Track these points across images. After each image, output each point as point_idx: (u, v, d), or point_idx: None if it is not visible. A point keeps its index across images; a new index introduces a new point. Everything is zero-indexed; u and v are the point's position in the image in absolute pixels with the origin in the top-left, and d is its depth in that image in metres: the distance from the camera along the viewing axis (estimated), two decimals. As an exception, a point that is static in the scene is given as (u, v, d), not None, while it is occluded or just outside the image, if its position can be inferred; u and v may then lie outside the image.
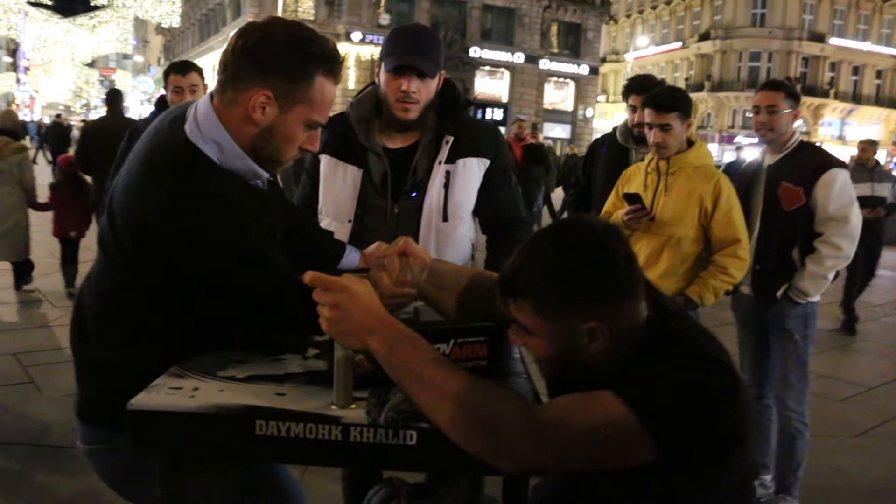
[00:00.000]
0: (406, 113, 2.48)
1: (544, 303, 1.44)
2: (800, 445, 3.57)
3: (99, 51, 46.17)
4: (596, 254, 1.43)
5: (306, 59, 1.64)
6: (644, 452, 1.31)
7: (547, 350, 1.48)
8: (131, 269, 1.68)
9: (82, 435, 1.84)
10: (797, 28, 46.64)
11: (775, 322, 3.58)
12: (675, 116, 3.34)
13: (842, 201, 3.41)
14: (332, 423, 1.40)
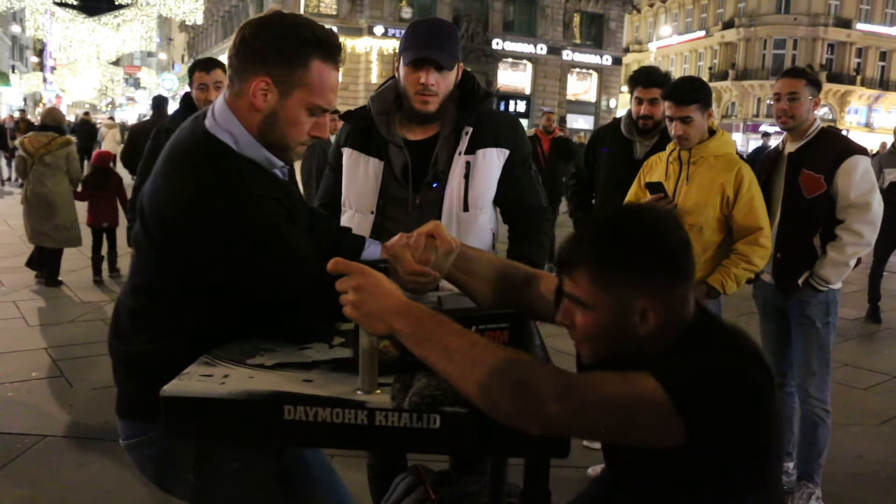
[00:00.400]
0: (425, 105, 2.52)
1: (604, 272, 1.46)
2: (821, 433, 3.57)
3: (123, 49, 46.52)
4: (658, 232, 1.49)
5: (300, 44, 1.71)
6: (672, 436, 1.34)
7: (596, 326, 1.49)
8: (161, 261, 1.75)
9: (122, 431, 1.91)
10: (823, 14, 46.06)
11: (796, 310, 3.59)
12: (696, 108, 3.35)
13: (863, 188, 3.41)
14: (358, 407, 1.44)
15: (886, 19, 48.27)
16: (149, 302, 1.82)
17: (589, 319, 1.50)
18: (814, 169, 3.46)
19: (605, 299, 1.47)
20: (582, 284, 1.48)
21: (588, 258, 1.48)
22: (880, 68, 48.78)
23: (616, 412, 1.36)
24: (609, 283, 1.46)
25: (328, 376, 1.58)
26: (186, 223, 1.67)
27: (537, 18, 40.92)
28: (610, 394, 1.36)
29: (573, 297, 1.51)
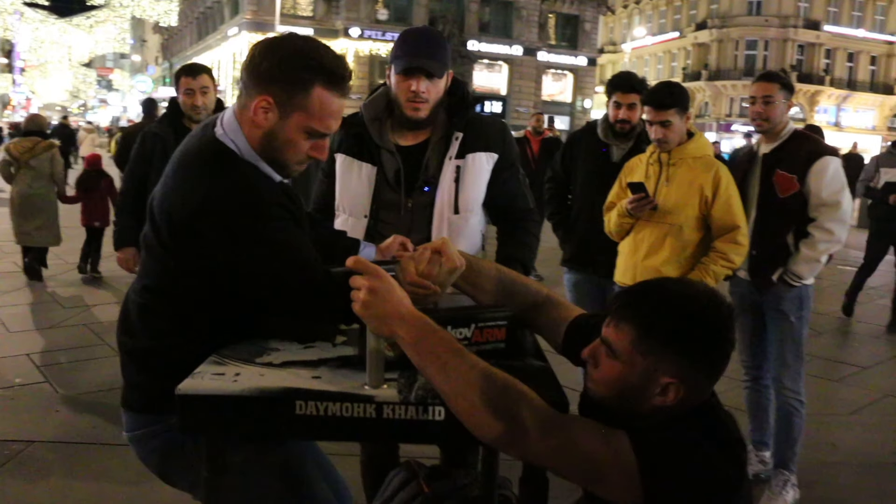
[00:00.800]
0: (416, 112, 2.59)
1: (651, 340, 1.49)
2: (796, 422, 3.69)
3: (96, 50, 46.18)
4: (717, 330, 1.52)
5: (303, 69, 1.76)
6: (629, 492, 1.40)
7: (617, 378, 1.53)
8: (170, 261, 1.83)
9: (127, 423, 1.97)
10: (793, 16, 46.66)
11: (771, 304, 3.71)
12: (674, 112, 3.46)
13: (834, 187, 3.53)
14: (367, 401, 1.52)
15: (853, 21, 49.00)
16: (157, 300, 1.89)
17: (615, 369, 1.53)
18: (787, 169, 3.58)
19: (639, 361, 1.50)
20: (623, 338, 1.51)
21: (642, 318, 1.51)
22: (848, 69, 49.49)
23: (587, 462, 1.43)
24: (649, 351, 1.49)
25: (335, 373, 1.65)
26: (196, 224, 1.74)
27: (513, 20, 41.10)
28: (586, 444, 1.43)
29: (609, 344, 1.54)
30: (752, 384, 3.98)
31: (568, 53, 43.40)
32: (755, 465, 4.01)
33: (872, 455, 4.43)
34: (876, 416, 5.11)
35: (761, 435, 4.01)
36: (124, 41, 44.37)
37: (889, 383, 5.85)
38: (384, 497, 2.64)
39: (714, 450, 1.46)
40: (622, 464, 1.40)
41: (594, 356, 1.58)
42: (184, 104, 4.32)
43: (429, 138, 2.70)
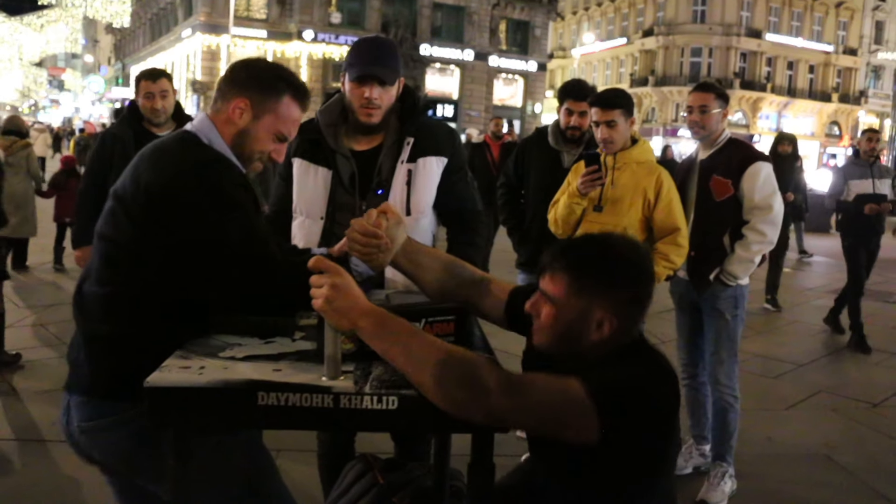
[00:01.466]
0: (369, 118, 2.69)
1: (582, 281, 1.72)
2: (731, 417, 3.83)
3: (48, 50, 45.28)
4: (642, 261, 1.78)
5: (277, 80, 2.07)
6: (589, 431, 1.56)
7: (558, 321, 1.74)
8: (136, 243, 1.92)
9: (84, 412, 1.96)
10: (735, 24, 47.61)
11: (708, 303, 3.85)
12: (620, 113, 3.58)
13: (765, 191, 3.69)
14: (325, 392, 1.59)
15: (793, 31, 50.17)
16: (120, 288, 1.95)
17: (554, 314, 1.74)
18: (722, 174, 3.73)
19: (574, 302, 1.72)
20: (559, 285, 1.73)
21: (572, 266, 1.73)
22: (788, 77, 50.67)
23: (549, 413, 1.58)
24: (583, 291, 1.71)
25: (295, 366, 1.73)
26: (170, 194, 1.87)
27: (464, 25, 41.25)
28: (545, 396, 1.58)
29: (546, 294, 1.75)
30: (689, 381, 4.11)
31: (519, 58, 43.72)
32: (696, 458, 4.15)
33: (806, 447, 4.62)
34: (810, 411, 5.32)
35: (700, 429, 4.15)
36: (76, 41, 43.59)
37: (822, 379, 6.08)
38: (341, 488, 2.71)
39: (655, 380, 1.69)
40: (580, 409, 1.55)
41: (536, 308, 1.77)
42: (143, 107, 4.37)
43: (382, 143, 2.78)
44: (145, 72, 4.46)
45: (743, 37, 47.67)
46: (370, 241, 1.97)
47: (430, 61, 40.09)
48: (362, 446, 2.98)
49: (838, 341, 7.35)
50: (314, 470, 3.14)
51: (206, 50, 36.87)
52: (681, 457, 4.15)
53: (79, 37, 43.29)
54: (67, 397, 2.02)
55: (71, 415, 1.99)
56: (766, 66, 49.50)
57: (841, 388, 5.88)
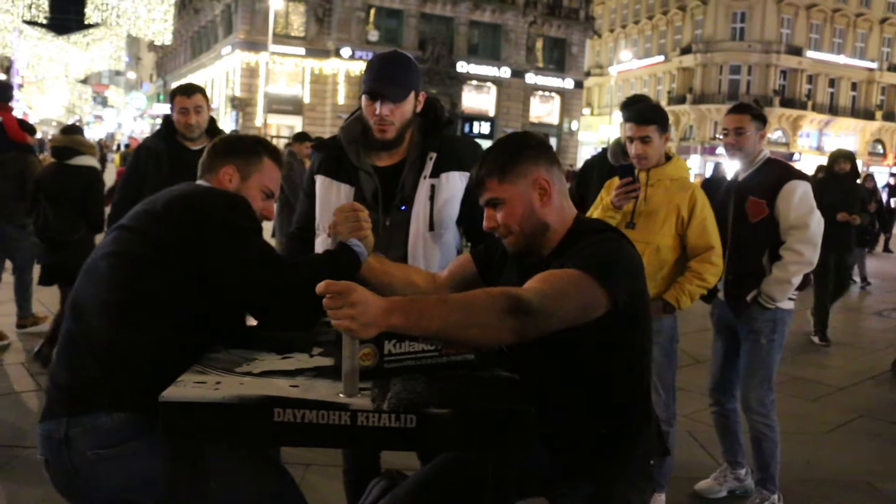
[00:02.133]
0: (383, 134, 2.67)
1: (506, 170, 2.01)
2: (766, 446, 3.72)
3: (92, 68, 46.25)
4: (528, 138, 2.14)
5: (255, 145, 2.35)
6: (601, 306, 1.80)
7: (514, 213, 2.01)
8: (158, 254, 1.98)
9: (102, 438, 1.84)
10: (775, 42, 47.12)
11: (745, 326, 3.74)
12: (654, 129, 3.52)
13: (801, 210, 3.59)
14: (342, 409, 1.56)
15: (834, 48, 49.53)
16: (136, 299, 1.94)
17: (507, 210, 2.01)
18: (758, 195, 3.65)
19: (513, 189, 2.01)
20: (493, 187, 2.02)
21: (493, 168, 2.03)
22: (829, 94, 50.00)
23: (573, 300, 1.77)
24: (512, 176, 2.01)
25: (312, 382, 1.71)
26: (196, 211, 2.03)
27: (501, 42, 41.36)
28: (565, 289, 1.77)
29: (491, 200, 2.04)
30: (717, 408, 4.01)
31: (555, 76, 43.68)
32: (730, 481, 4.04)
33: (845, 472, 4.48)
34: (849, 435, 5.17)
35: (733, 455, 4.03)
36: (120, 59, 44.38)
37: (863, 403, 5.91)
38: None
39: (617, 240, 1.99)
40: (588, 287, 1.79)
41: (491, 220, 2.05)
42: (178, 122, 4.41)
43: (405, 158, 2.76)
44: (180, 87, 4.50)
45: (783, 54, 47.15)
46: (354, 213, 2.19)
47: (466, 78, 40.22)
48: (388, 462, 2.95)
49: (880, 364, 7.16)
50: (340, 485, 3.10)
51: (245, 67, 37.37)
52: (714, 479, 4.07)
53: (122, 54, 44.11)
54: (63, 426, 1.87)
55: (76, 444, 1.85)
56: (807, 84, 48.89)
57: (882, 412, 5.71)
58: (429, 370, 1.77)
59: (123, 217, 2.13)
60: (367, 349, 1.71)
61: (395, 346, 1.75)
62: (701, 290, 3.49)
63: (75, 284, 2.06)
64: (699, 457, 4.53)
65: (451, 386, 1.71)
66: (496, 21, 41.03)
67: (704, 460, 4.46)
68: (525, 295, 1.71)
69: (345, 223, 2.19)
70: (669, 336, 3.60)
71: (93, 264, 2.05)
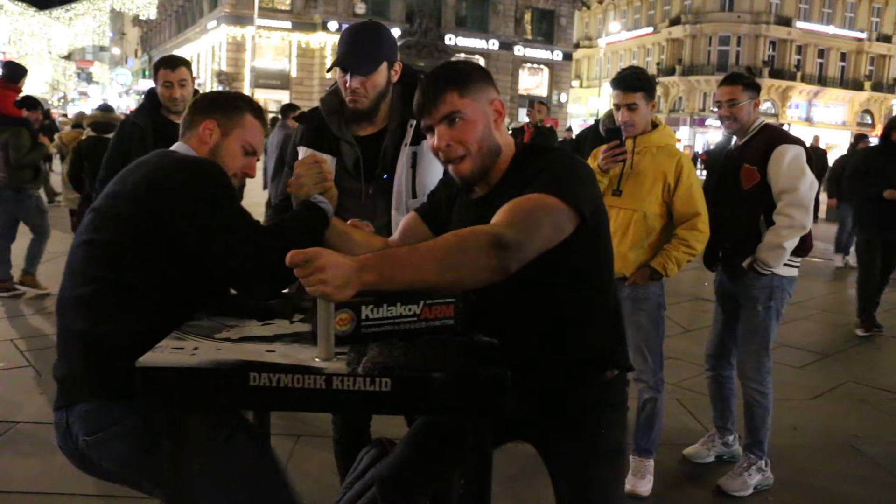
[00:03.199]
0: (355, 104, 2.68)
1: (469, 85, 1.94)
2: (757, 412, 3.74)
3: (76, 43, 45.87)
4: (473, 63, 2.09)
5: (236, 100, 2.29)
6: (570, 222, 1.80)
7: (470, 129, 1.93)
8: (130, 237, 1.95)
9: (90, 424, 1.93)
10: (764, 12, 47.03)
11: (743, 293, 3.74)
12: (641, 97, 3.50)
13: (792, 172, 3.56)
14: (317, 373, 1.55)
15: (824, 18, 49.46)
16: (108, 285, 1.96)
17: (466, 126, 1.93)
18: (750, 161, 3.64)
19: (473, 105, 1.93)
20: (454, 101, 1.92)
21: (452, 81, 1.93)
22: (818, 65, 49.96)
23: (542, 224, 1.75)
24: (472, 91, 1.93)
25: (289, 347, 1.70)
26: (166, 185, 1.96)
27: (489, 14, 41.16)
28: (530, 214, 1.74)
29: (450, 115, 1.93)
30: (712, 373, 4.05)
31: (544, 48, 43.55)
32: (718, 446, 4.09)
33: (831, 437, 4.53)
34: (835, 401, 5.22)
35: (723, 422, 4.08)
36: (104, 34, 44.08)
37: (851, 370, 5.97)
38: (356, 472, 2.70)
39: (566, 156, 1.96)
40: (555, 206, 1.77)
41: (443, 139, 1.94)
42: (162, 95, 4.36)
43: (385, 127, 2.77)
44: (163, 59, 4.45)
45: (772, 25, 47.08)
46: (317, 165, 2.17)
47: (454, 51, 39.99)
48: (378, 431, 2.96)
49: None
50: (331, 455, 3.13)
51: (232, 41, 37.07)
52: (702, 444, 4.11)
53: (106, 29, 43.79)
54: (64, 416, 1.99)
55: (73, 431, 1.97)
56: (796, 55, 48.86)
57: (870, 378, 5.76)
58: (407, 335, 1.76)
59: (99, 197, 2.11)
60: (345, 314, 1.69)
61: (373, 311, 1.73)
62: (688, 256, 3.49)
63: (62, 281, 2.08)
64: (687, 423, 4.57)
65: (428, 350, 1.69)
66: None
67: (693, 426, 4.50)
68: (498, 230, 1.69)
69: (308, 175, 2.15)
70: (657, 303, 3.61)
71: (71, 255, 2.06)
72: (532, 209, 1.75)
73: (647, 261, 3.49)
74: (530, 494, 3.62)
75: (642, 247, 3.51)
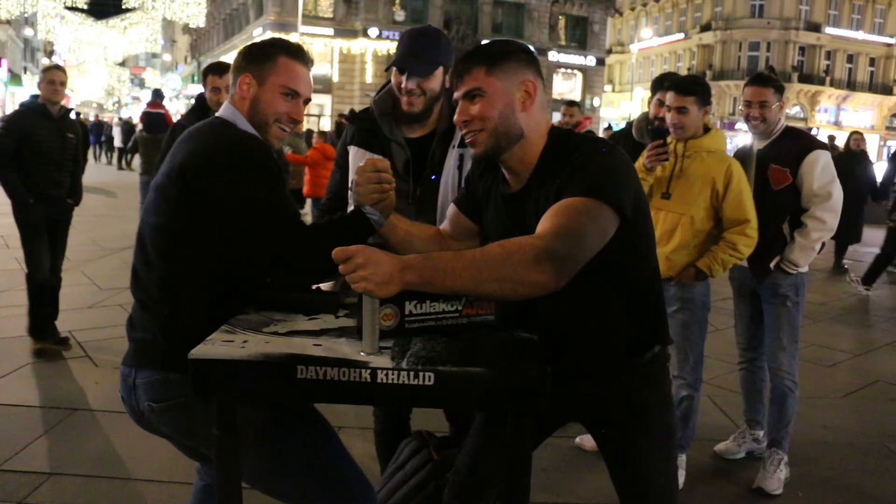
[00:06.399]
0: (410, 107, 2.65)
1: (496, 63, 1.86)
2: (790, 402, 3.69)
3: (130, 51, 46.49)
4: (523, 45, 1.97)
5: (267, 47, 2.14)
6: (613, 224, 1.74)
7: (491, 106, 1.86)
8: (178, 223, 1.95)
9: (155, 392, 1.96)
10: (794, 18, 46.22)
11: (769, 291, 3.71)
12: (693, 101, 3.45)
13: (824, 179, 3.54)
14: (362, 367, 1.54)
15: (853, 24, 48.47)
16: (166, 272, 1.97)
17: (485, 103, 1.87)
18: (780, 163, 3.59)
19: (498, 83, 1.86)
20: (479, 77, 1.86)
21: (482, 58, 1.87)
22: (848, 70, 49.00)
23: (589, 231, 1.68)
24: (500, 70, 1.86)
25: (335, 341, 1.69)
26: (204, 167, 1.92)
27: (524, 21, 40.97)
28: (576, 221, 1.68)
29: (472, 91, 1.88)
30: (747, 365, 4.00)
31: (577, 54, 43.24)
32: (749, 442, 4.04)
33: (860, 436, 4.43)
34: (865, 400, 5.11)
35: (755, 414, 4.03)
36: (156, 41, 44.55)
37: (881, 369, 5.84)
38: (396, 464, 2.70)
39: (609, 150, 1.83)
40: (599, 211, 1.71)
41: (465, 113, 1.90)
42: (210, 100, 4.40)
43: (435, 129, 2.74)
44: (211, 66, 4.49)
45: (802, 30, 46.24)
46: (375, 175, 2.03)
47: (490, 57, 39.89)
48: (418, 424, 2.95)
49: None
50: (372, 446, 3.14)
51: (277, 48, 37.32)
52: (733, 441, 4.06)
53: (158, 37, 44.27)
54: (132, 374, 2.00)
55: (138, 393, 1.99)
56: (826, 60, 47.96)
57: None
58: (450, 330, 1.75)
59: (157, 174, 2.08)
60: (389, 310, 1.69)
61: (416, 306, 1.72)
62: (734, 259, 3.43)
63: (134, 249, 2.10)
64: (719, 420, 4.51)
65: (469, 346, 1.68)
66: (519, 0, 40.62)
67: (724, 423, 4.44)
68: (545, 243, 1.62)
69: (365, 184, 2.04)
70: (701, 303, 3.57)
71: (141, 228, 2.07)
72: (577, 217, 1.69)
73: (692, 261, 3.45)
74: (565, 488, 3.59)
75: (688, 248, 3.47)
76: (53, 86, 5.06)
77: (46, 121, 5.10)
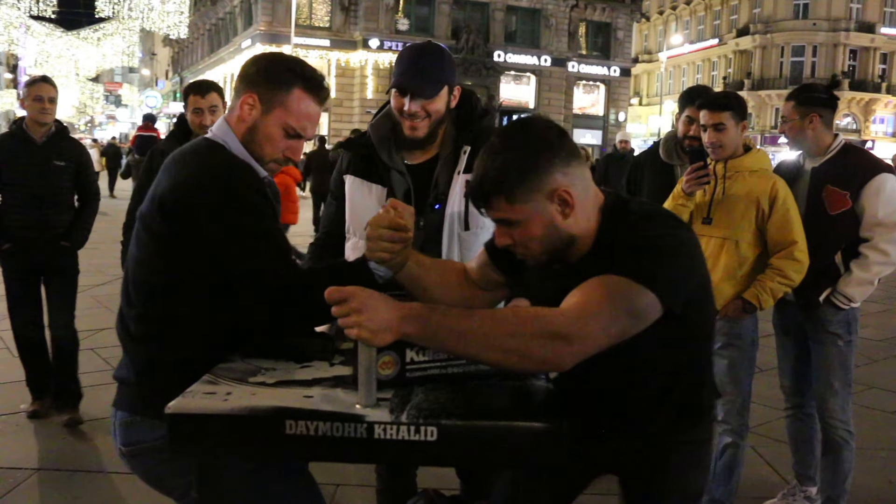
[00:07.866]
0: (413, 131, 2.66)
1: (518, 188, 1.78)
2: (846, 455, 3.64)
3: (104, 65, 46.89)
4: (537, 133, 1.82)
5: (284, 72, 2.07)
6: (655, 311, 1.68)
7: (530, 234, 1.82)
8: (159, 259, 1.98)
9: (126, 436, 2.06)
10: (844, 19, 46.35)
11: (817, 327, 3.67)
12: (729, 116, 3.47)
13: (891, 207, 3.50)
14: (357, 421, 1.56)
15: (912, 22, 48.54)
16: (146, 309, 2.03)
17: (522, 231, 1.82)
18: (839, 185, 3.55)
19: (527, 208, 1.79)
20: (503, 208, 1.80)
21: (499, 185, 1.78)
22: (906, 75, 49.04)
23: (615, 314, 1.64)
24: (524, 194, 1.78)
25: (328, 392, 1.71)
26: (186, 207, 1.92)
27: (541, 29, 41.26)
28: (603, 302, 1.64)
29: (502, 221, 1.84)
30: (794, 412, 3.94)
31: (600, 63, 43.49)
32: (800, 501, 3.98)
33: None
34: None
35: (805, 468, 3.97)
36: (133, 54, 44.92)
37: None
38: (403, 526, 2.69)
39: (664, 225, 1.81)
40: (636, 294, 1.65)
41: (505, 237, 1.86)
42: (192, 123, 4.37)
43: (437, 154, 2.76)
44: (193, 85, 4.48)
45: (853, 32, 46.35)
46: (399, 234, 1.98)
47: (504, 68, 40.16)
48: (425, 481, 2.95)
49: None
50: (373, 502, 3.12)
51: (267, 61, 37.65)
52: (782, 499, 4.01)
53: (136, 50, 44.66)
54: (114, 414, 2.09)
55: (116, 435, 2.09)
56: (881, 64, 47.98)
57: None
58: (456, 379, 1.76)
59: (143, 203, 2.11)
60: (388, 357, 1.70)
61: (418, 353, 1.74)
62: (785, 288, 3.44)
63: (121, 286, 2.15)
64: (765, 474, 4.46)
65: (477, 396, 1.70)
66: (535, 6, 40.96)
67: (771, 478, 4.39)
68: (561, 321, 1.60)
69: (376, 242, 1.99)
70: (750, 339, 3.56)
71: (126, 264, 2.13)
72: (607, 297, 1.65)
73: (739, 292, 3.46)
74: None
75: (734, 278, 3.47)
76: (41, 103, 4.78)
77: (26, 147, 4.83)
